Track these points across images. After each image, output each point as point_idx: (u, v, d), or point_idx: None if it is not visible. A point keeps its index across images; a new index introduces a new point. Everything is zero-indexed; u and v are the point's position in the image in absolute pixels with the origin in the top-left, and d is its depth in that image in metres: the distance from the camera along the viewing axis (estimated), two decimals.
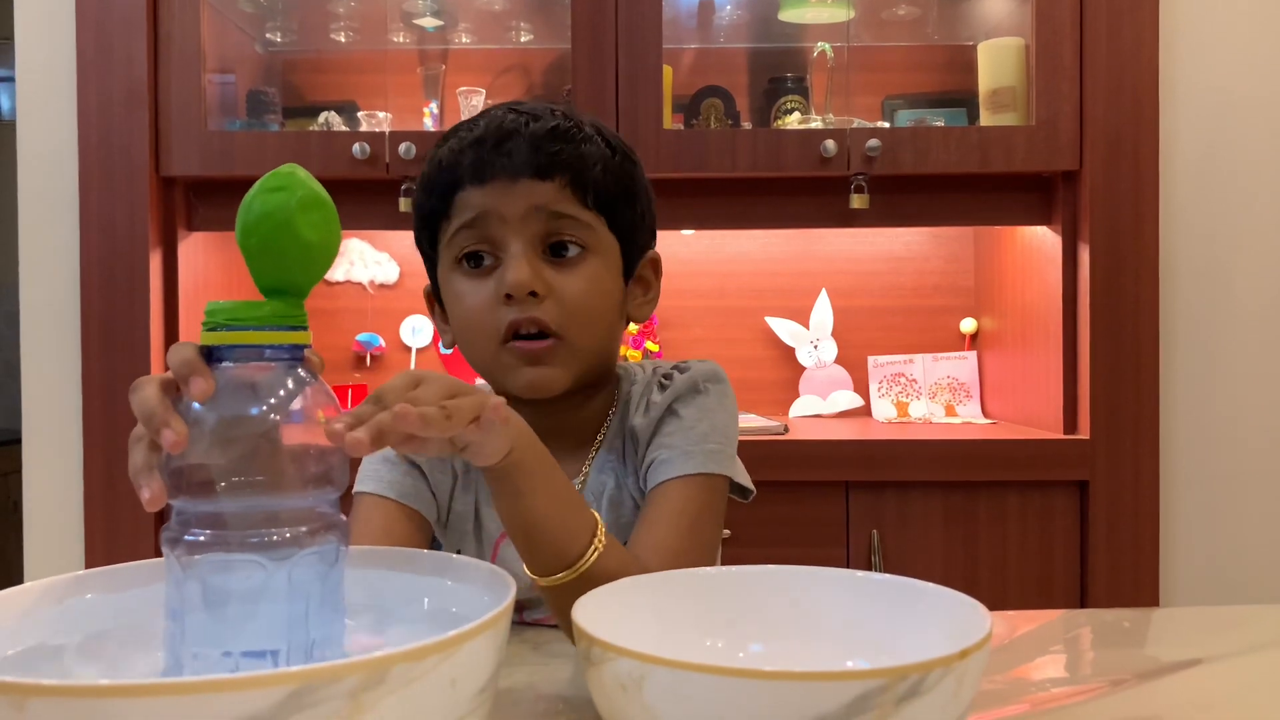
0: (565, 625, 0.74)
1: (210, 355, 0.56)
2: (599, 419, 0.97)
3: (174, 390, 0.56)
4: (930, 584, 0.65)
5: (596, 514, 0.75)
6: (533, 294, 0.86)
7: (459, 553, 0.96)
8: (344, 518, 0.59)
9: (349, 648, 0.60)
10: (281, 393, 0.56)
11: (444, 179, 0.90)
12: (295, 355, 0.57)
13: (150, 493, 0.54)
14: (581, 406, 0.96)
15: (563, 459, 0.96)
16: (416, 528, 0.93)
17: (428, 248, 0.95)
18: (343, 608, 0.59)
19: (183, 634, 0.56)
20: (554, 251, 0.89)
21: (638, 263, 0.96)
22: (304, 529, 0.56)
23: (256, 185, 0.57)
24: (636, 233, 0.95)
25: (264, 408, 0.56)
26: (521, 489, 0.69)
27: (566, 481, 0.75)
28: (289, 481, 0.56)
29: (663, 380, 0.96)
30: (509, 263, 0.87)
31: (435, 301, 0.98)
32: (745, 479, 0.97)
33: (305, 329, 0.58)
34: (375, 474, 0.93)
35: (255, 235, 0.57)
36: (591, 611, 0.59)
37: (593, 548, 0.72)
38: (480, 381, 1.00)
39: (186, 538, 0.55)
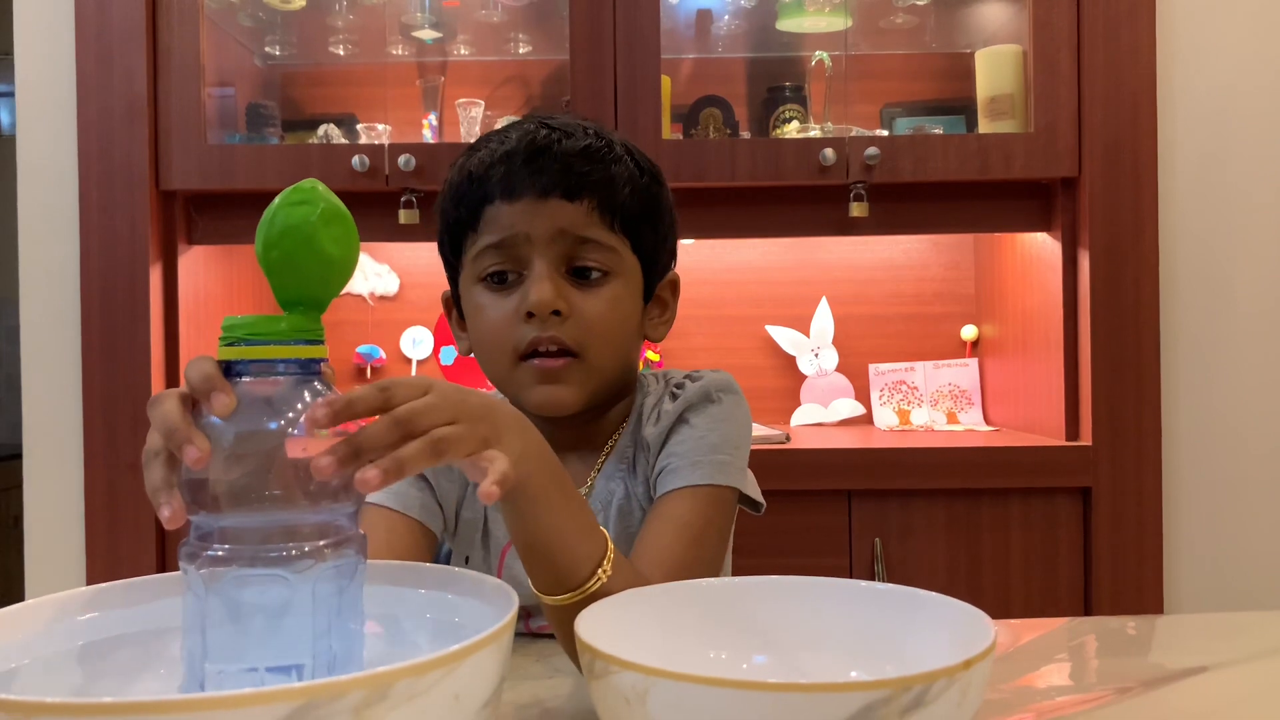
0: (565, 641, 0.73)
1: (228, 370, 0.56)
2: (613, 428, 0.97)
3: (191, 404, 0.56)
4: (933, 593, 0.65)
5: (608, 536, 0.73)
6: (555, 313, 0.86)
7: (467, 560, 0.96)
8: (361, 531, 0.59)
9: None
10: (300, 407, 0.56)
11: (473, 191, 0.90)
12: (312, 369, 0.58)
13: (170, 510, 0.54)
14: (598, 419, 0.96)
15: (573, 467, 0.95)
16: (419, 539, 0.93)
17: (450, 255, 0.96)
18: (362, 621, 0.60)
19: (204, 650, 0.56)
20: (578, 275, 0.89)
21: (657, 284, 0.97)
22: (323, 542, 0.56)
23: (278, 199, 0.57)
24: (658, 254, 0.95)
25: (283, 422, 0.56)
26: (527, 511, 0.67)
27: (579, 503, 0.72)
28: (308, 495, 0.56)
29: (674, 390, 0.96)
30: (533, 281, 0.87)
31: (455, 308, 0.98)
32: (755, 491, 0.96)
33: (322, 343, 0.58)
34: None
35: (277, 249, 0.57)
36: (594, 624, 0.59)
37: (597, 576, 0.70)
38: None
39: (207, 553, 0.55)
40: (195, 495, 0.55)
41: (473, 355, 0.95)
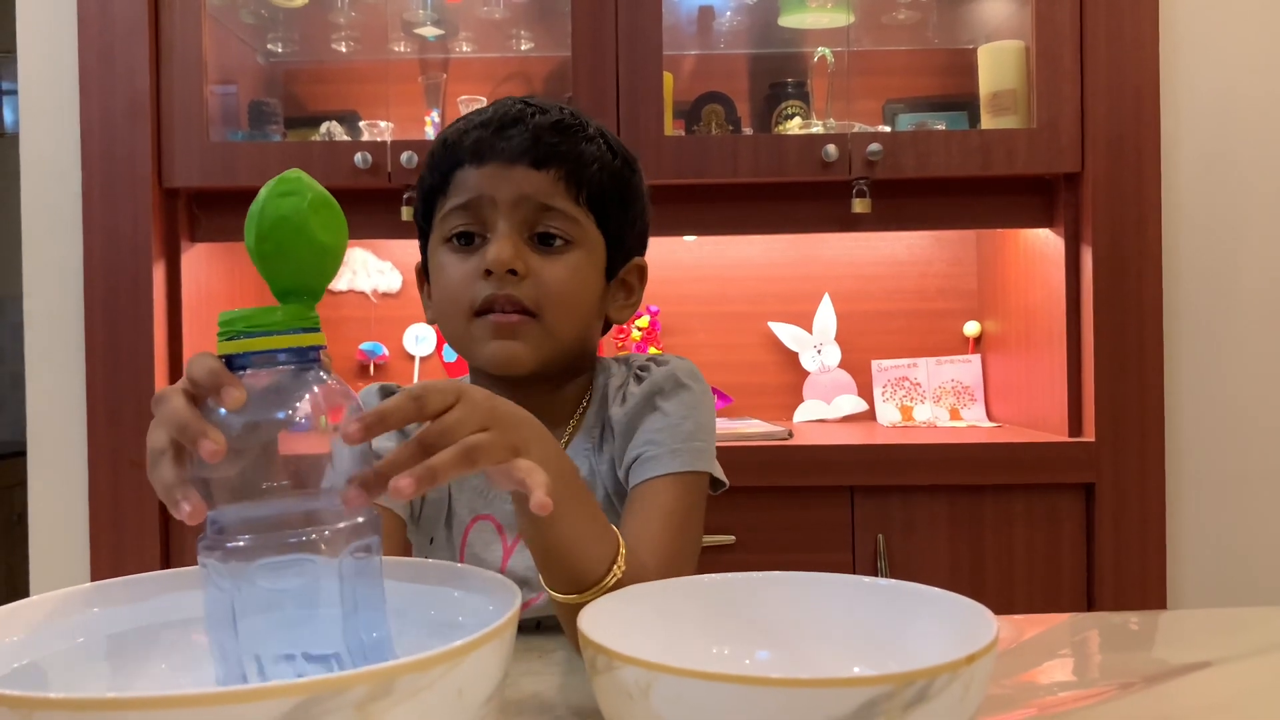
0: (573, 635, 0.74)
1: (229, 363, 0.57)
2: (573, 406, 0.99)
3: (194, 401, 0.56)
4: (936, 589, 0.65)
5: (620, 537, 0.74)
6: (512, 273, 0.88)
7: (431, 541, 0.99)
8: (375, 511, 0.59)
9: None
10: (305, 394, 0.57)
11: (446, 157, 0.93)
12: (312, 357, 0.58)
13: (191, 505, 0.54)
14: (556, 392, 0.98)
15: None
16: (391, 527, 0.95)
17: (423, 222, 0.98)
18: (384, 602, 0.60)
19: (237, 641, 0.56)
20: (541, 240, 0.91)
21: (622, 265, 0.98)
22: (341, 525, 0.57)
23: (265, 191, 0.58)
24: (625, 236, 0.97)
25: (290, 410, 0.56)
26: (545, 518, 0.67)
27: (592, 504, 0.74)
28: (321, 480, 0.56)
29: (639, 371, 0.98)
30: (492, 241, 0.89)
31: (424, 277, 1.01)
32: (720, 472, 0.99)
33: (319, 330, 0.59)
34: None
35: (270, 240, 0.57)
36: (597, 619, 0.59)
37: (612, 573, 0.71)
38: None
39: (228, 545, 0.55)
40: (210, 489, 0.55)
41: (436, 325, 0.98)
